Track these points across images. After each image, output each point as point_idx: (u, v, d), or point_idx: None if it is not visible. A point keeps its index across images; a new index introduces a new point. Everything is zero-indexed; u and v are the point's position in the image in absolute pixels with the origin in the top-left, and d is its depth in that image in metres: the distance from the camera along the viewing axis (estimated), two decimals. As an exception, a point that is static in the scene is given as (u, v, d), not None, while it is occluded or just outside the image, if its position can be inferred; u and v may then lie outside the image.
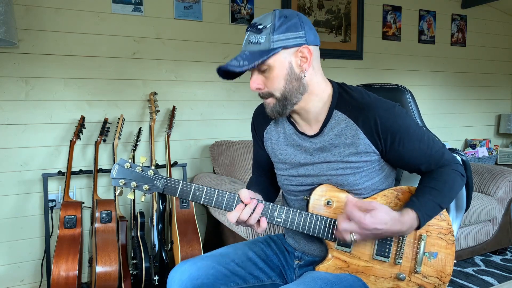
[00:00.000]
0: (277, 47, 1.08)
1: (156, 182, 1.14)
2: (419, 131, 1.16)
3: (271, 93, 1.14)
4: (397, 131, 1.13)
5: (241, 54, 1.10)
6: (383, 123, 1.12)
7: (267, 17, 1.10)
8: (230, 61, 1.10)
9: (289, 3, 3.14)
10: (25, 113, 2.41)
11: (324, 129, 1.19)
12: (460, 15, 4.01)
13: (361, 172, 1.17)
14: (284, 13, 1.10)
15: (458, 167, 1.19)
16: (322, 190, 1.19)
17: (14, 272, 2.44)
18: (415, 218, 1.10)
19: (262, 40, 1.08)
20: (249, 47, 1.10)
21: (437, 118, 3.94)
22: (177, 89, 2.81)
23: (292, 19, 1.09)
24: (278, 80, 1.11)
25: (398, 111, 1.14)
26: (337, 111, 1.18)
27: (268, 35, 1.07)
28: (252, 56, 1.08)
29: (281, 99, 1.13)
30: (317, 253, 1.26)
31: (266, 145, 1.34)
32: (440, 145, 1.19)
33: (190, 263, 1.24)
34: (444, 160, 1.18)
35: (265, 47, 1.08)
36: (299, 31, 1.09)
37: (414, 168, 1.20)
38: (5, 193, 2.39)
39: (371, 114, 1.12)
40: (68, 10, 2.47)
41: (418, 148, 1.15)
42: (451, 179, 1.16)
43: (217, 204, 1.14)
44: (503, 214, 2.88)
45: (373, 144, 1.14)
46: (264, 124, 1.33)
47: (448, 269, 1.19)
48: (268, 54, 1.07)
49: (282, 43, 1.08)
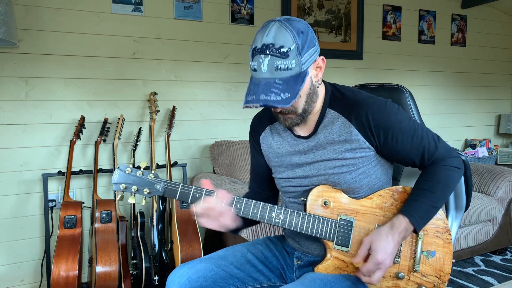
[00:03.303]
0: (307, 69, 1.08)
1: (156, 186, 1.16)
2: (412, 125, 1.17)
3: (295, 111, 1.14)
4: (390, 126, 1.14)
5: (273, 85, 1.05)
6: (375, 119, 1.13)
7: (285, 36, 1.04)
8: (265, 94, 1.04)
9: (289, 3, 3.14)
10: (25, 113, 2.41)
11: (318, 128, 1.20)
12: (460, 15, 4.01)
13: (358, 169, 1.17)
14: (297, 27, 1.06)
15: (453, 161, 1.18)
16: (319, 191, 1.20)
17: (14, 272, 2.44)
18: (409, 223, 1.11)
19: (293, 65, 1.05)
20: (277, 74, 1.05)
21: (437, 118, 3.94)
22: (177, 89, 2.81)
23: (308, 33, 1.08)
24: (302, 98, 1.12)
25: (389, 107, 1.16)
26: (330, 110, 1.19)
27: (296, 58, 1.05)
28: (289, 85, 1.05)
29: (302, 113, 1.15)
30: (317, 252, 1.27)
31: (263, 150, 1.34)
32: (434, 137, 1.19)
33: (189, 266, 1.24)
34: (438, 153, 1.18)
35: (297, 72, 1.06)
36: (315, 45, 1.10)
37: (408, 161, 1.21)
38: (5, 193, 2.39)
39: (363, 111, 1.14)
40: (68, 10, 2.48)
41: (412, 142, 1.16)
42: (445, 177, 1.16)
43: None
44: (503, 214, 2.88)
45: (366, 140, 1.15)
46: (260, 130, 1.34)
47: (446, 268, 1.19)
48: (303, 79, 1.07)
49: (309, 63, 1.08)
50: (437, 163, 1.18)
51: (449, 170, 1.17)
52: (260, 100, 1.05)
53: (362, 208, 1.19)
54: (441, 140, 1.21)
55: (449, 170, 1.17)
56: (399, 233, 1.10)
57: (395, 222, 1.11)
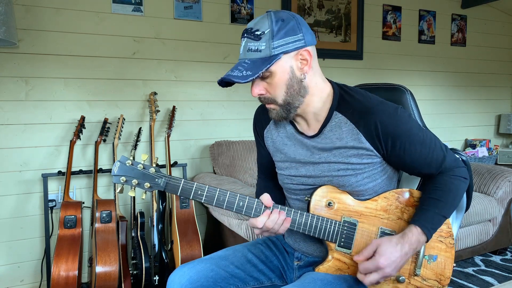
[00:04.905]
0: (278, 53, 1.06)
1: (158, 180, 1.13)
2: (421, 134, 1.15)
3: (274, 100, 1.13)
4: (399, 135, 1.12)
5: (241, 63, 1.08)
6: (384, 128, 1.11)
7: (263, 22, 1.07)
8: (231, 71, 1.08)
9: (289, 3, 3.14)
10: (25, 113, 2.41)
11: (324, 130, 1.18)
12: (460, 15, 4.00)
13: (363, 173, 1.16)
14: (280, 16, 1.08)
15: (461, 171, 1.18)
16: (323, 191, 1.18)
17: (14, 272, 2.44)
18: (421, 234, 1.10)
19: (262, 47, 1.06)
20: (248, 55, 1.08)
21: (437, 118, 3.94)
22: (177, 89, 2.81)
23: (290, 22, 1.08)
24: (280, 86, 1.11)
25: (400, 115, 1.13)
26: (338, 113, 1.17)
27: (268, 41, 1.06)
28: (254, 65, 1.06)
29: (283, 105, 1.13)
30: (316, 253, 1.26)
31: (267, 144, 1.33)
32: (443, 148, 1.18)
33: (190, 266, 1.24)
34: (446, 163, 1.17)
35: (266, 54, 1.06)
36: (297, 34, 1.08)
37: (415, 171, 1.20)
38: (5, 193, 2.39)
39: (372, 119, 1.11)
40: (68, 10, 2.47)
41: (420, 152, 1.14)
42: (455, 187, 1.15)
43: (218, 203, 1.14)
44: (503, 214, 2.88)
45: (374, 148, 1.14)
46: (264, 124, 1.34)
47: (447, 272, 1.19)
48: (270, 62, 1.06)
49: (283, 49, 1.07)
50: (446, 173, 1.17)
51: (458, 180, 1.17)
52: (224, 75, 1.08)
53: (367, 210, 1.18)
54: (449, 150, 1.20)
55: (457, 180, 1.16)
56: (409, 244, 1.08)
57: (407, 232, 1.10)
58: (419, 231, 1.09)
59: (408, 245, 1.08)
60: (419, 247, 1.11)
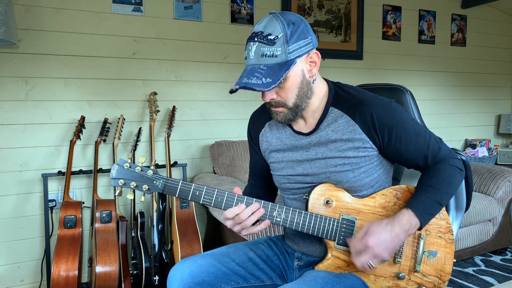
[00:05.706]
0: (293, 58, 1.07)
1: (156, 182, 1.14)
2: (416, 126, 1.17)
3: (284, 103, 1.13)
4: (394, 126, 1.13)
5: (257, 70, 1.06)
6: (379, 119, 1.13)
7: (275, 25, 1.06)
8: (248, 78, 1.05)
9: (289, 3, 3.14)
10: (25, 113, 2.41)
11: (320, 125, 1.19)
12: (460, 15, 4.01)
13: (360, 168, 1.17)
14: (289, 18, 1.08)
15: (456, 162, 1.19)
16: (321, 190, 1.19)
17: (14, 272, 2.44)
18: (412, 216, 1.10)
19: (278, 52, 1.05)
20: (263, 60, 1.06)
21: (437, 118, 3.94)
22: (177, 89, 2.81)
23: (300, 25, 1.08)
24: (292, 90, 1.11)
25: (394, 106, 1.15)
26: (334, 108, 1.19)
27: (282, 46, 1.05)
28: (272, 71, 1.05)
29: (293, 107, 1.14)
30: (316, 253, 1.26)
31: (262, 148, 1.34)
32: (437, 140, 1.20)
33: (191, 260, 1.24)
34: (441, 154, 1.18)
35: (282, 60, 1.06)
36: (307, 37, 1.09)
37: (411, 163, 1.20)
38: (5, 193, 2.39)
39: (367, 110, 1.13)
40: (68, 10, 2.47)
41: (415, 143, 1.16)
42: (449, 175, 1.16)
43: (216, 203, 1.14)
44: (503, 214, 2.88)
45: (370, 140, 1.15)
46: (259, 128, 1.34)
47: (447, 268, 1.19)
48: (288, 67, 1.05)
49: (297, 53, 1.07)
50: (441, 162, 1.18)
51: (452, 170, 1.17)
52: (241, 83, 1.06)
53: (365, 208, 1.19)
54: (443, 142, 1.21)
55: (452, 169, 1.17)
56: (400, 225, 1.08)
57: (398, 214, 1.11)
58: (410, 213, 1.10)
59: (398, 225, 1.08)
60: (411, 229, 1.11)
